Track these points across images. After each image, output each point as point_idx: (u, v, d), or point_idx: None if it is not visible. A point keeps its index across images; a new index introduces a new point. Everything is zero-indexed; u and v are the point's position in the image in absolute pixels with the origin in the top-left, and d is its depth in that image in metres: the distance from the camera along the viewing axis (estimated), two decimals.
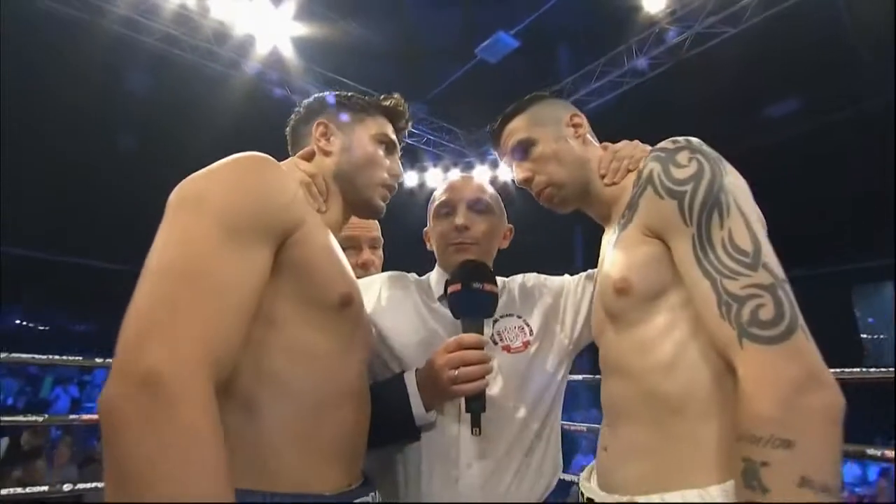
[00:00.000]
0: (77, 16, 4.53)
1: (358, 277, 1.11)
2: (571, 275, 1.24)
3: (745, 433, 0.60)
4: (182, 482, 0.50)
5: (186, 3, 4.66)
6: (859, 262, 7.92)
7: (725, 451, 0.67)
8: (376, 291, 1.15)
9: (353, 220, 1.33)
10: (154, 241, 0.63)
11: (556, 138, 0.98)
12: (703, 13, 4.77)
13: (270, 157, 0.78)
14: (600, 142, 1.03)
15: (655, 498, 0.69)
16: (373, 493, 0.79)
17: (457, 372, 0.89)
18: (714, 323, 0.67)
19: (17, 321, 13.88)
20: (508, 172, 1.10)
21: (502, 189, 1.15)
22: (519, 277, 1.22)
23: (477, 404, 0.90)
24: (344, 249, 1.25)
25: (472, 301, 0.97)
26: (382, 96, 1.03)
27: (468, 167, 7.37)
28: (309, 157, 0.94)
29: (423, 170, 7.45)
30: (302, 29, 5.05)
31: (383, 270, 1.35)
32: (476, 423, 0.90)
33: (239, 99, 5.50)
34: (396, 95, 1.03)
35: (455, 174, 6.55)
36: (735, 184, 0.73)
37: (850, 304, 8.84)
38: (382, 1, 5.35)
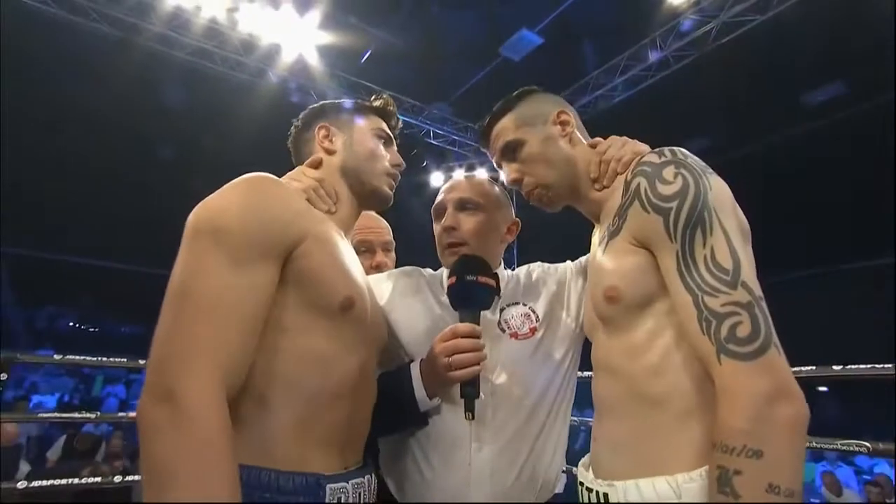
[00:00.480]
0: (118, 35, 4.79)
1: None
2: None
3: (720, 443, 0.65)
4: (195, 482, 0.60)
5: (217, 16, 4.86)
6: None
7: (697, 446, 0.72)
8: (390, 285, 1.20)
9: (367, 224, 1.42)
10: (174, 268, 0.73)
11: (544, 138, 0.99)
12: (729, 1, 4.66)
13: (273, 176, 0.85)
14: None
15: (630, 483, 0.75)
16: (368, 476, 0.86)
17: (450, 359, 0.94)
18: (695, 337, 0.71)
19: (71, 324, 14.72)
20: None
21: None
22: (524, 267, 1.25)
23: (470, 390, 0.94)
24: (358, 253, 1.32)
25: (466, 293, 1.01)
26: (373, 97, 1.11)
27: (494, 165, 7.37)
28: (316, 165, 1.01)
29: (449, 169, 7.49)
30: (327, 37, 5.19)
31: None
32: (469, 409, 0.94)
33: (266, 105, 5.69)
34: (385, 96, 1.11)
35: (482, 174, 6.57)
36: (719, 198, 0.75)
37: None
38: (405, 5, 5.44)
